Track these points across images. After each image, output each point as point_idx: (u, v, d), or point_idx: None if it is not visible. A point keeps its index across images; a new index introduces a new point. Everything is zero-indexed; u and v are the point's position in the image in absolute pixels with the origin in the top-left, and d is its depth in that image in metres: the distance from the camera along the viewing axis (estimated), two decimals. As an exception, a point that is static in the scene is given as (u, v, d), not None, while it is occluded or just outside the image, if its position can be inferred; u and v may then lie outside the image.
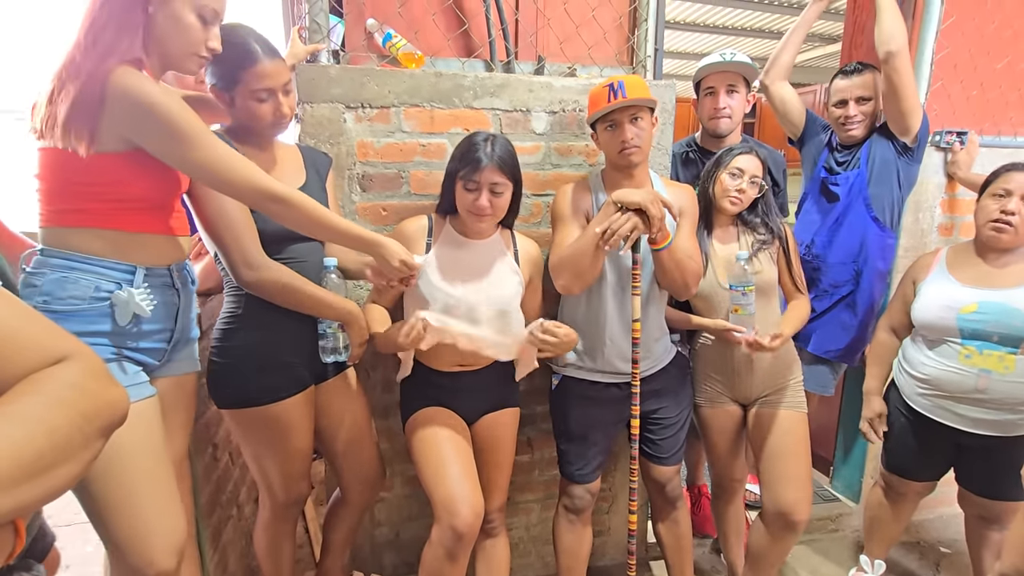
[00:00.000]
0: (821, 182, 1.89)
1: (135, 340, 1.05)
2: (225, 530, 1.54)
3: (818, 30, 5.38)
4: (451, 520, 1.28)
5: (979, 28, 1.96)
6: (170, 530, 1.03)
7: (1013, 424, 1.45)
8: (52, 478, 0.47)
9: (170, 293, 1.11)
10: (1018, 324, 1.40)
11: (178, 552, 1.04)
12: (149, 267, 1.06)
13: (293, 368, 1.28)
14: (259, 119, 1.19)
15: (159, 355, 1.11)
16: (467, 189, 1.32)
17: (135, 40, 0.97)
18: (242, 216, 1.17)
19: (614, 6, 1.69)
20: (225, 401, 1.28)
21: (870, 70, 1.76)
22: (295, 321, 1.26)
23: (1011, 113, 2.09)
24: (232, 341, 1.25)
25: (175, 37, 1.01)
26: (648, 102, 1.34)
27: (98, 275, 1.00)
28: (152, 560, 1.00)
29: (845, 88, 1.79)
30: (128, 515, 0.99)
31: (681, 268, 1.36)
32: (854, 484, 2.25)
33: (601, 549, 1.93)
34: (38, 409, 0.48)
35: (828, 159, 1.89)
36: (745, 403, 1.63)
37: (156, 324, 1.08)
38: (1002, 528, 1.60)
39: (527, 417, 1.53)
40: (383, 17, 1.56)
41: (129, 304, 1.00)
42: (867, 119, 1.80)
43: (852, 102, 1.78)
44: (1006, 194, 1.45)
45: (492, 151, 1.30)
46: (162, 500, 1.03)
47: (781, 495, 1.52)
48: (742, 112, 1.81)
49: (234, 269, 1.18)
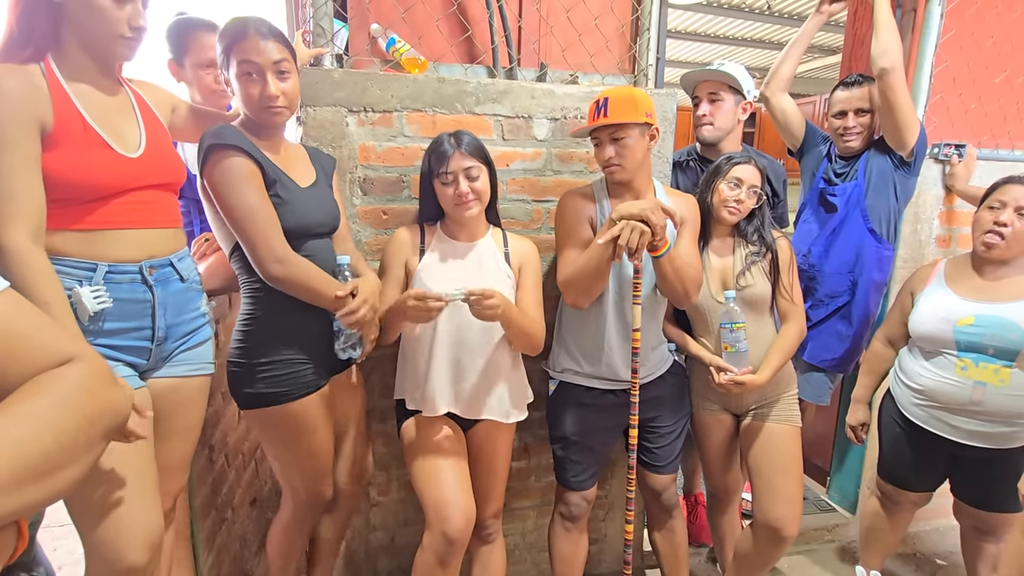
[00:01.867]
0: (819, 193, 1.90)
1: (105, 338, 1.03)
2: (220, 533, 1.53)
3: (818, 42, 5.41)
4: (442, 526, 1.28)
5: (978, 42, 1.98)
6: (144, 526, 1.02)
7: (1008, 436, 1.45)
8: (56, 479, 0.47)
9: (140, 290, 1.07)
10: (1014, 337, 1.40)
11: (151, 548, 1.02)
12: (114, 263, 1.03)
13: (311, 366, 1.27)
14: (248, 99, 1.16)
15: (143, 354, 1.09)
16: (444, 183, 1.33)
17: (33, 34, 0.97)
18: (267, 210, 1.16)
19: (616, 15, 1.71)
20: (247, 402, 1.26)
21: (870, 82, 1.77)
22: (312, 319, 1.25)
23: (1009, 127, 2.10)
24: (251, 342, 1.23)
25: (89, 22, 0.99)
26: (627, 122, 1.31)
27: (62, 274, 0.99)
28: (122, 555, 0.99)
29: (844, 99, 1.81)
30: (100, 508, 0.98)
31: (681, 276, 1.37)
32: (850, 494, 2.24)
33: (597, 557, 1.92)
34: (44, 410, 0.48)
35: (827, 170, 1.90)
36: (738, 413, 1.63)
37: (124, 322, 1.05)
38: (997, 540, 1.60)
39: (523, 423, 1.53)
40: (387, 22, 1.57)
41: (81, 301, 0.99)
42: (865, 131, 1.81)
43: (851, 113, 1.80)
44: (1000, 206, 1.46)
45: (455, 141, 1.33)
46: (138, 495, 1.02)
47: (771, 510, 1.52)
48: (729, 120, 1.80)
49: (262, 264, 1.15)
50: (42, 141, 0.97)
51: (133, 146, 1.07)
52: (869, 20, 1.73)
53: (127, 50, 1.05)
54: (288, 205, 1.21)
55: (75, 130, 1.00)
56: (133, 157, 1.06)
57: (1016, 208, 1.43)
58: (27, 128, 0.94)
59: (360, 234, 1.56)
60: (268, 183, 1.18)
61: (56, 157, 0.97)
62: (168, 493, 1.18)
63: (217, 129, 1.15)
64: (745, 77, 1.80)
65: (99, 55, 1.04)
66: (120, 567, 0.99)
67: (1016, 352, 1.40)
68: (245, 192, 1.13)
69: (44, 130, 0.97)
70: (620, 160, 1.36)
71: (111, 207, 1.04)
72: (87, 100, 1.02)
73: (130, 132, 1.08)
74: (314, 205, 1.27)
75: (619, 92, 1.35)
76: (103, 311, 1.02)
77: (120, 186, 1.04)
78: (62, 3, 0.98)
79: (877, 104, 1.77)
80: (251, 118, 1.21)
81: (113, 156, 1.03)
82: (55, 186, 0.98)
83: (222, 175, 1.13)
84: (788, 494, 1.52)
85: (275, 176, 1.20)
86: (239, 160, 1.14)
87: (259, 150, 1.18)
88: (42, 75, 0.98)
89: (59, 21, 0.99)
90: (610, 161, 1.36)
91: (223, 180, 1.13)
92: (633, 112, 1.32)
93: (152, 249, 1.10)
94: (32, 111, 0.95)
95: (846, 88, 1.81)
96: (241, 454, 1.73)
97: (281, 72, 1.17)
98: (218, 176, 1.14)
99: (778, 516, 1.51)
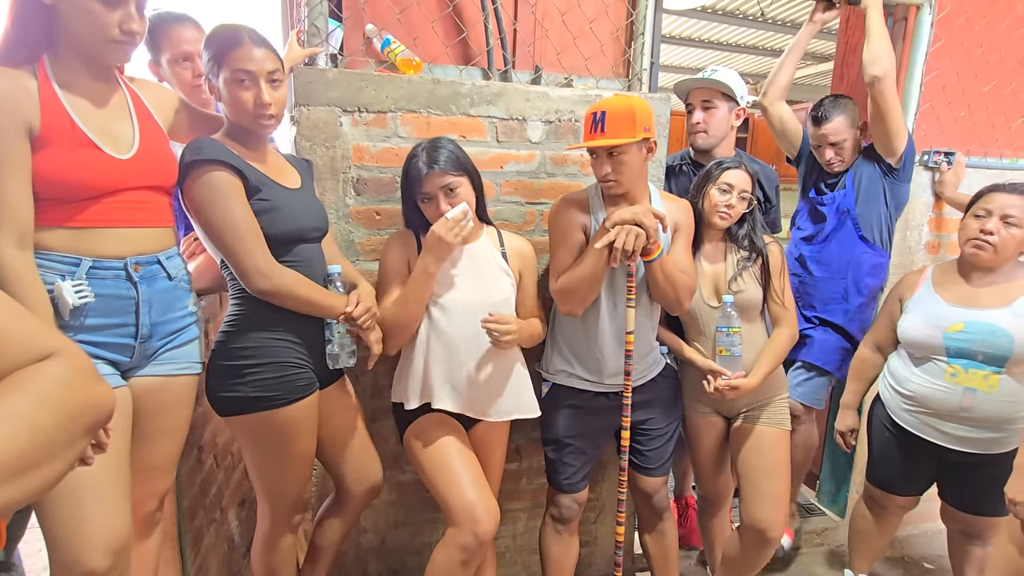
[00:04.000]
0: (810, 202, 1.93)
1: (86, 334, 1.03)
2: (207, 534, 1.52)
3: (811, 49, 5.47)
4: (474, 528, 1.29)
5: (967, 52, 2.01)
6: (106, 530, 0.99)
7: (996, 442, 1.47)
8: (34, 478, 0.46)
9: (124, 286, 1.06)
10: (1003, 344, 1.42)
11: (114, 554, 1.00)
12: (99, 259, 1.03)
13: (302, 371, 1.25)
14: (240, 107, 1.16)
15: (127, 351, 1.08)
16: (425, 202, 1.33)
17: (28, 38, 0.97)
18: (250, 224, 1.14)
19: (611, 19, 1.71)
20: (229, 408, 1.22)
21: (839, 110, 1.78)
22: (302, 323, 1.24)
23: (997, 135, 2.13)
24: (238, 344, 1.21)
25: (80, 25, 0.99)
26: (625, 141, 1.30)
27: (45, 268, 0.99)
28: (79, 558, 0.97)
29: (817, 136, 1.83)
30: (61, 506, 0.96)
31: (672, 281, 1.37)
32: (840, 498, 2.26)
33: (588, 559, 1.92)
34: (21, 407, 0.47)
35: (818, 179, 1.92)
36: (729, 416, 1.64)
37: (106, 319, 1.04)
38: (984, 544, 1.62)
39: (516, 425, 1.53)
40: (382, 23, 1.57)
41: (62, 295, 0.99)
42: (846, 154, 1.83)
43: (826, 147, 1.82)
44: (986, 214, 1.47)
45: (428, 157, 1.30)
46: (103, 498, 0.99)
47: (757, 512, 1.53)
48: (723, 127, 1.82)
49: (247, 278, 1.14)
50: (32, 143, 0.97)
51: (126, 148, 1.07)
52: (861, 28, 1.75)
53: (119, 53, 1.04)
54: (278, 211, 1.20)
55: (63, 132, 1.00)
56: (124, 159, 1.06)
57: (1002, 216, 1.45)
58: (11, 131, 0.94)
59: (353, 234, 1.55)
60: (252, 191, 1.17)
61: (45, 158, 0.98)
62: (154, 494, 1.16)
63: (197, 143, 1.14)
64: (738, 84, 1.81)
65: (91, 58, 1.03)
66: (77, 572, 0.97)
67: (1005, 358, 1.42)
68: (227, 207, 1.13)
69: (32, 132, 0.97)
70: (617, 176, 1.35)
71: (101, 206, 1.04)
72: (78, 102, 1.02)
73: (123, 134, 1.08)
74: (304, 209, 1.27)
75: (617, 105, 1.31)
76: (85, 306, 1.01)
77: (109, 187, 1.04)
78: (54, 6, 0.98)
79: (855, 123, 1.79)
80: (238, 125, 1.20)
81: (102, 157, 1.03)
82: (44, 186, 0.98)
83: (202, 191, 1.12)
84: (774, 497, 1.53)
85: (259, 183, 1.18)
86: (220, 175, 1.13)
87: (241, 159, 1.17)
88: (33, 77, 0.99)
89: (52, 24, 0.99)
90: (607, 177, 1.36)
91: (204, 196, 1.13)
92: (631, 129, 1.30)
93: (140, 247, 1.09)
94: (17, 113, 0.95)
95: (816, 124, 1.81)
96: (230, 454, 1.72)
97: (273, 81, 1.17)
98: (198, 192, 1.13)
99: (764, 518, 1.51)
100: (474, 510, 1.30)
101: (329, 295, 1.25)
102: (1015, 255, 1.48)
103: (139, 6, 1.03)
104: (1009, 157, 2.16)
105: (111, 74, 1.09)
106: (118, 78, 1.12)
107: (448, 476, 1.34)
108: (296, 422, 1.24)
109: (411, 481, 1.70)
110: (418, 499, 1.73)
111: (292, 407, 1.23)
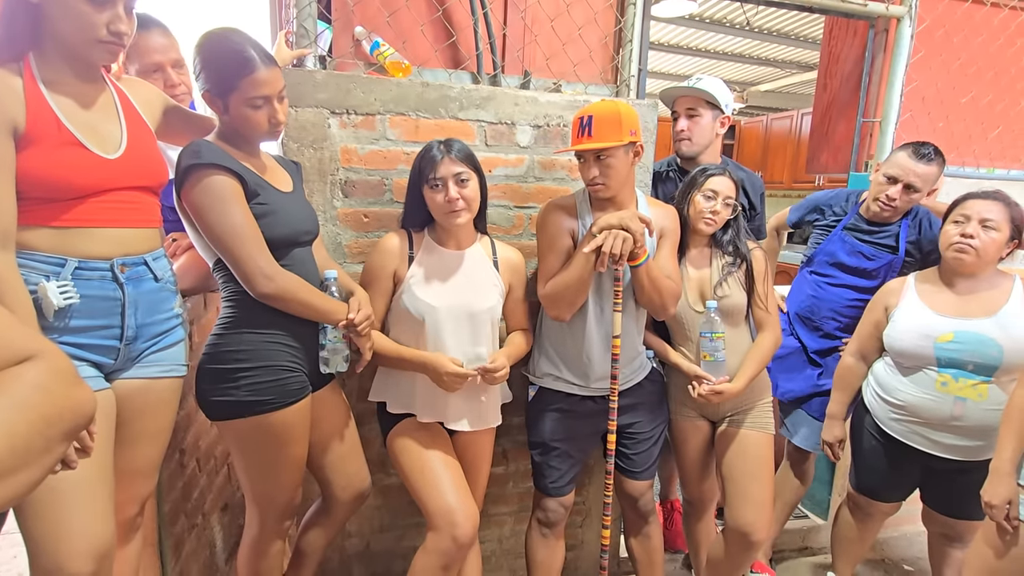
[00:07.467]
0: (845, 242, 1.84)
1: (71, 336, 1.01)
2: (189, 539, 1.49)
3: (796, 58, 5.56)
4: (452, 531, 1.29)
5: (945, 64, 2.05)
6: (89, 534, 0.97)
7: (983, 449, 1.47)
8: (9, 483, 0.45)
9: (110, 287, 1.05)
10: (992, 353, 1.43)
11: (96, 559, 0.98)
12: (84, 259, 1.02)
13: (295, 374, 1.24)
14: (254, 127, 1.17)
15: (111, 353, 1.06)
16: (434, 188, 1.33)
17: (13, 36, 0.96)
18: (252, 228, 1.13)
19: (600, 25, 1.73)
20: (221, 412, 1.20)
21: (939, 160, 1.70)
22: (296, 326, 1.23)
23: (974, 145, 2.18)
24: (230, 347, 1.19)
25: (65, 25, 0.98)
26: (611, 144, 1.31)
27: (30, 268, 0.97)
28: (61, 564, 0.95)
29: (906, 171, 1.69)
30: (43, 511, 0.94)
31: (657, 287, 1.38)
32: (823, 501, 2.29)
33: (574, 563, 1.92)
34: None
35: (853, 221, 1.84)
36: (714, 420, 1.65)
37: (91, 320, 1.03)
38: (964, 546, 1.64)
39: (503, 428, 1.53)
40: (371, 25, 1.57)
41: (46, 296, 0.97)
42: (906, 207, 1.76)
43: (901, 186, 1.70)
44: (965, 219, 1.49)
45: (446, 147, 1.33)
46: (85, 503, 0.97)
47: (741, 515, 1.54)
48: (706, 135, 1.82)
49: (251, 282, 1.13)
50: (16, 142, 0.95)
51: (113, 147, 1.06)
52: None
53: (106, 54, 1.03)
54: (276, 214, 1.19)
55: (49, 130, 0.98)
56: (111, 158, 1.04)
57: (980, 220, 1.46)
58: None
59: (340, 237, 1.54)
60: (251, 194, 1.16)
61: (30, 157, 0.96)
62: (135, 498, 1.14)
63: (195, 147, 1.12)
64: (723, 92, 1.83)
65: (77, 57, 1.02)
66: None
67: (995, 368, 1.43)
68: (228, 211, 1.12)
69: (17, 131, 0.95)
70: (604, 179, 1.36)
71: (87, 206, 1.02)
72: (64, 101, 1.01)
73: (110, 133, 1.07)
74: (298, 212, 1.26)
75: (604, 109, 1.33)
76: (69, 307, 0.99)
77: (96, 186, 1.03)
78: (40, 5, 0.96)
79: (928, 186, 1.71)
80: (237, 132, 1.19)
81: (88, 156, 1.02)
82: (29, 185, 0.97)
83: (203, 195, 1.11)
84: (758, 499, 1.54)
85: (257, 186, 1.18)
86: (220, 179, 1.12)
87: (239, 162, 1.16)
88: (19, 75, 0.97)
89: (38, 22, 0.98)
90: (595, 180, 1.37)
91: (204, 200, 1.11)
92: (618, 133, 1.32)
93: (127, 247, 1.07)
94: (1, 111, 0.93)
95: (917, 159, 1.67)
96: (213, 458, 1.69)
97: (282, 99, 1.20)
98: (198, 196, 1.11)
99: (748, 521, 1.53)
100: (453, 514, 1.30)
101: (330, 300, 1.25)
102: (995, 259, 1.49)
103: (127, 6, 1.02)
104: (986, 167, 2.22)
105: (97, 73, 1.08)
106: (105, 77, 1.10)
107: (428, 479, 1.34)
108: (290, 426, 1.23)
109: (397, 485, 1.69)
110: (404, 503, 1.72)
111: (286, 411, 1.21)
